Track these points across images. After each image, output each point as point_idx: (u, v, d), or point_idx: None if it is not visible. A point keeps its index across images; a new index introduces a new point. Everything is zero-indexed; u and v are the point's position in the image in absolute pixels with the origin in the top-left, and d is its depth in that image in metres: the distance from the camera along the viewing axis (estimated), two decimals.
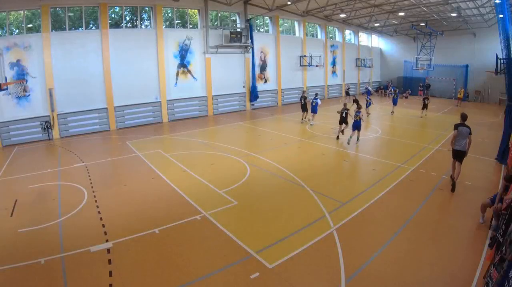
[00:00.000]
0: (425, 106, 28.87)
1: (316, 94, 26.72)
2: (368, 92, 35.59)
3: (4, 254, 8.68)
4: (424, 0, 30.59)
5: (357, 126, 19.30)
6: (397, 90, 33.13)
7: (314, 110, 25.59)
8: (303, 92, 29.71)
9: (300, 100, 27.17)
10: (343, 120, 20.38)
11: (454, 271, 7.68)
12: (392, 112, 30.78)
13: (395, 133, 22.63)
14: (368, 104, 29.36)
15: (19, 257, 8.46)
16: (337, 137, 20.74)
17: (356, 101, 23.71)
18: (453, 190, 12.33)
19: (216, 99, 32.39)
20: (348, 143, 19.42)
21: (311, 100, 25.80)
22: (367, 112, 28.86)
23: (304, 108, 26.92)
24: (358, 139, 19.99)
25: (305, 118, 27.19)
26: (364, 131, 22.06)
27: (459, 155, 12.52)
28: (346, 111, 20.17)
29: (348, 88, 42.21)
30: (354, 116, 19.35)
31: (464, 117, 12.82)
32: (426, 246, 8.74)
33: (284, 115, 31.65)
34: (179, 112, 30.04)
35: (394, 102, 30.90)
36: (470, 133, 12.21)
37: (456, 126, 12.45)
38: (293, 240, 9.03)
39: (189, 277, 7.59)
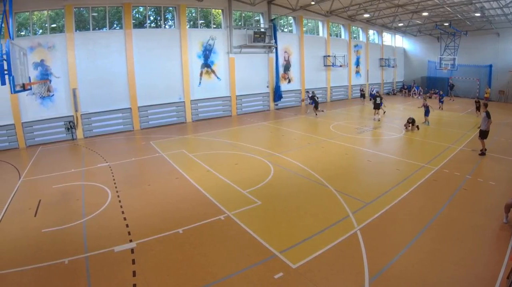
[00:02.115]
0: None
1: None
2: (371, 95, 32.86)
3: (28, 254, 8.50)
4: (448, 0, 29.08)
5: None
6: (441, 92, 31.71)
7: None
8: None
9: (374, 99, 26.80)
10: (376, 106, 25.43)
11: (477, 271, 7.41)
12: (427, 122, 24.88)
13: (418, 133, 21.25)
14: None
15: (43, 257, 8.26)
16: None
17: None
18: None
19: (240, 99, 31.05)
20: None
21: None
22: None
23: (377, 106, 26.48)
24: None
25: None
26: (388, 131, 22.01)
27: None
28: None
29: (362, 90, 39.08)
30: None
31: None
32: (449, 246, 8.42)
33: (308, 115, 30.31)
34: (202, 112, 28.83)
35: (427, 114, 24.48)
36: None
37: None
38: (317, 240, 8.76)
39: (213, 277, 7.39)
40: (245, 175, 14.04)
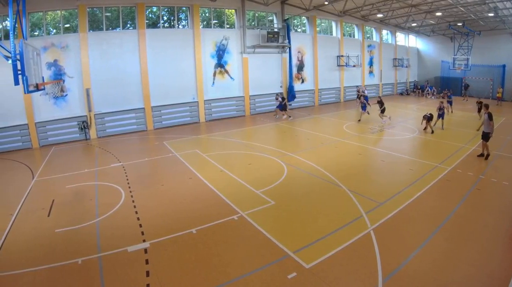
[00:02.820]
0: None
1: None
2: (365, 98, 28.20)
3: (41, 254, 8.43)
4: (461, 0, 28.46)
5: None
6: (450, 92, 30.40)
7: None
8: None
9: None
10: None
11: (491, 271, 7.31)
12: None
13: (438, 133, 20.65)
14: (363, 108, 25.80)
15: (56, 257, 8.20)
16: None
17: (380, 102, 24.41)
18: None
19: (254, 99, 30.49)
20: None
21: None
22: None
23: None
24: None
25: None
26: (401, 131, 21.57)
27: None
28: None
29: (359, 91, 34.62)
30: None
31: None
32: (463, 246, 8.33)
33: (321, 115, 29.75)
34: (216, 112, 28.34)
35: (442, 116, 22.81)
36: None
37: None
38: (330, 240, 8.66)
39: (227, 277, 7.31)
40: (259, 175, 13.89)
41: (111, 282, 7.22)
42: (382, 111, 24.23)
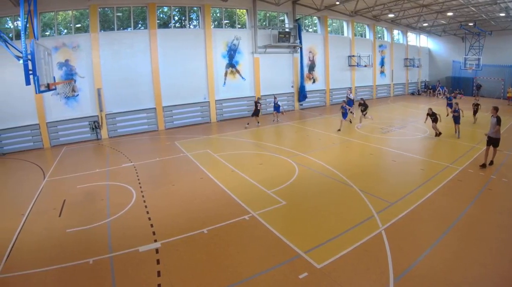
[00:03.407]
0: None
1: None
2: (349, 102, 26.05)
3: (53, 254, 8.38)
4: (472, 0, 28.05)
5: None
6: (458, 92, 29.34)
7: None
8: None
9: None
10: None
11: (502, 271, 7.20)
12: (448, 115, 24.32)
13: (443, 133, 19.89)
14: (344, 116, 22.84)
15: (68, 257, 8.15)
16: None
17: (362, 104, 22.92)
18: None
19: (265, 99, 29.95)
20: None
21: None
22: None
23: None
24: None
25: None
26: (413, 131, 21.07)
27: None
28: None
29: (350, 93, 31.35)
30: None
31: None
32: (475, 246, 8.18)
33: (332, 115, 29.20)
34: (227, 112, 28.02)
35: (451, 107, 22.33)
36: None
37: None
38: (342, 240, 8.57)
39: (238, 277, 7.24)
40: (270, 175, 13.77)
41: (122, 282, 7.17)
42: (363, 112, 23.46)
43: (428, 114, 19.80)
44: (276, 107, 26.22)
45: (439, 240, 8.43)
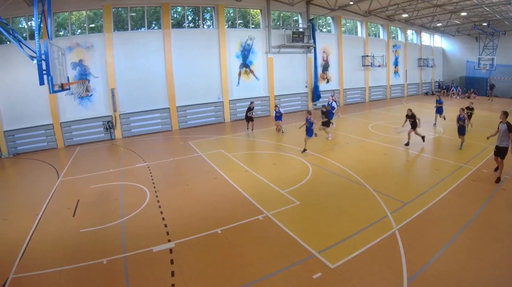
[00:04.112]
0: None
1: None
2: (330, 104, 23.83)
3: (67, 254, 8.36)
4: (486, 0, 27.47)
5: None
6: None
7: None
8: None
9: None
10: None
11: None
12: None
13: (456, 133, 18.89)
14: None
15: (82, 257, 8.13)
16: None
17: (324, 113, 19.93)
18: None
19: (279, 99, 29.60)
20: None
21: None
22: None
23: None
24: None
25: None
26: (426, 131, 19.54)
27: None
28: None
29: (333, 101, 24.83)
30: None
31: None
32: (488, 246, 8.07)
33: (346, 115, 28.80)
34: (241, 112, 27.24)
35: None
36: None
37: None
38: (355, 240, 8.51)
39: (252, 277, 7.20)
40: (284, 175, 13.65)
41: (136, 282, 7.13)
42: (324, 124, 19.82)
43: (407, 116, 17.38)
44: (278, 117, 22.07)
45: (453, 240, 8.33)
